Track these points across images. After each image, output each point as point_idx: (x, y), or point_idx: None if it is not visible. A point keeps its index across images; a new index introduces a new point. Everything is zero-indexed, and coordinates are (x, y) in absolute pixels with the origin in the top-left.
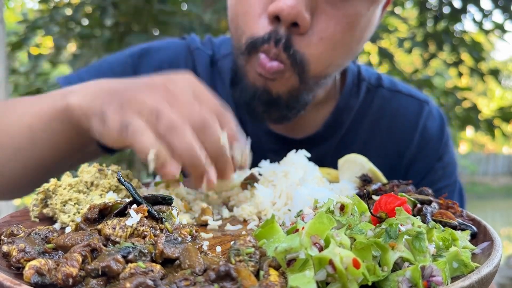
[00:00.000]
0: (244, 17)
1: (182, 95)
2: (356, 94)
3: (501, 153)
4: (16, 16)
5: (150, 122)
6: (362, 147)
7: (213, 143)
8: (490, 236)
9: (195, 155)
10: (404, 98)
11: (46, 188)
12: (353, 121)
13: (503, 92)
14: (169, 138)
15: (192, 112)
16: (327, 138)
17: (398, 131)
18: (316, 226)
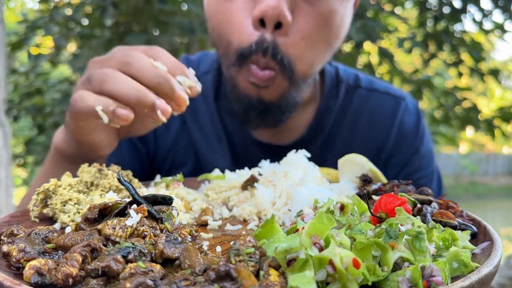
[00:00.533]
0: (228, 26)
1: (109, 56)
2: (335, 96)
3: (501, 153)
4: (16, 16)
5: (85, 87)
6: (343, 146)
7: (146, 72)
8: (490, 236)
9: (134, 92)
10: (381, 96)
11: (46, 188)
12: (334, 122)
13: (503, 92)
14: (105, 89)
15: (115, 59)
16: (312, 141)
17: (376, 128)
18: (316, 226)
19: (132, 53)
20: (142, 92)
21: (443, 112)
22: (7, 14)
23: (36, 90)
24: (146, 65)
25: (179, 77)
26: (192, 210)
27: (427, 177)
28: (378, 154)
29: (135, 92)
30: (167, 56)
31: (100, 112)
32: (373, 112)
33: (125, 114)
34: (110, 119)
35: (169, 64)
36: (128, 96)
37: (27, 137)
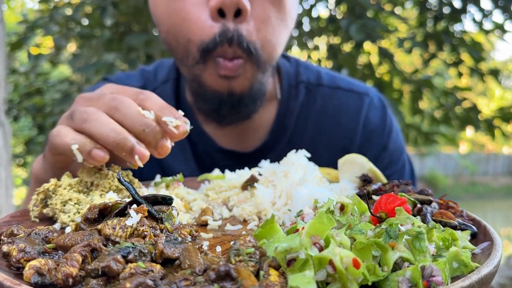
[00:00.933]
0: (185, 24)
1: (96, 95)
2: (295, 96)
3: (501, 153)
4: (16, 16)
5: (66, 123)
6: (309, 146)
7: (132, 118)
8: (490, 236)
9: (115, 135)
10: (344, 93)
11: (46, 188)
12: (297, 123)
13: (503, 92)
14: (86, 128)
15: (102, 100)
16: (275, 145)
17: (342, 127)
18: (316, 226)
19: (121, 99)
20: (122, 136)
21: (443, 112)
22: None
23: (36, 90)
24: (133, 112)
25: (166, 118)
26: (192, 210)
27: (399, 171)
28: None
29: (115, 135)
30: (155, 99)
31: (75, 151)
32: (337, 111)
33: (100, 156)
34: (84, 158)
35: (157, 106)
36: (107, 138)
37: (27, 137)
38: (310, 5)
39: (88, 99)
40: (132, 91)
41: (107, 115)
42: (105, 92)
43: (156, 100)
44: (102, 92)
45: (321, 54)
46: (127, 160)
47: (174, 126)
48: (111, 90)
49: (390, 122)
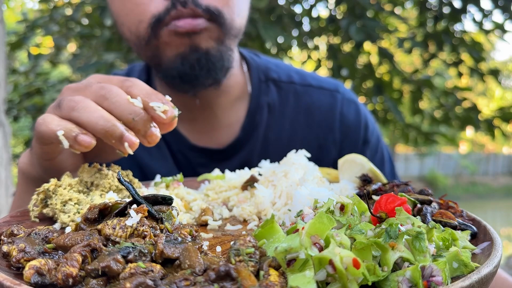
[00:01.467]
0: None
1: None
2: (265, 92)
3: (501, 153)
4: (16, 16)
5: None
6: (286, 144)
7: (121, 107)
8: (490, 236)
9: (103, 122)
10: (315, 91)
11: (46, 188)
12: (269, 120)
13: (503, 92)
14: (75, 116)
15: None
16: (248, 140)
17: (316, 125)
18: (316, 226)
19: (110, 87)
20: (110, 123)
21: (443, 112)
22: (7, 13)
23: (36, 90)
24: (122, 100)
25: (154, 103)
26: (192, 210)
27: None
28: (321, 151)
29: (104, 122)
30: (142, 85)
31: (60, 137)
32: (311, 109)
33: (86, 141)
34: (71, 144)
35: (143, 92)
36: (96, 125)
37: (27, 137)
38: (310, 5)
39: (75, 89)
40: (118, 79)
41: (95, 103)
42: (91, 82)
43: (143, 86)
44: (88, 82)
45: (321, 54)
46: (117, 148)
47: (162, 111)
48: (97, 80)
49: (365, 115)
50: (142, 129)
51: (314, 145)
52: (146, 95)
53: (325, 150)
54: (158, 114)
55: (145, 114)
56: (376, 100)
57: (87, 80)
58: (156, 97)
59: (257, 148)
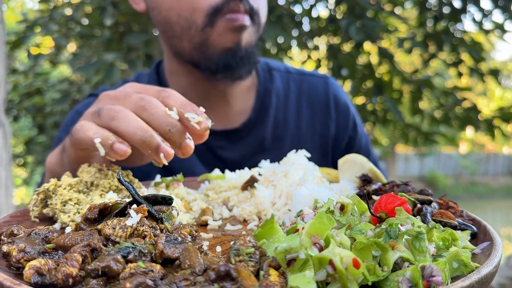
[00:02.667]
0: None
1: (121, 93)
2: (270, 79)
3: (501, 153)
4: (16, 16)
5: (93, 120)
6: (295, 124)
7: (159, 119)
8: (490, 236)
9: (142, 133)
10: (310, 78)
11: (46, 188)
12: (277, 103)
13: (503, 92)
14: (114, 126)
15: (130, 99)
16: (259, 121)
17: (317, 106)
18: (316, 226)
19: (149, 99)
20: (148, 134)
21: (443, 112)
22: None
23: (36, 90)
24: (160, 112)
25: (189, 114)
26: (192, 210)
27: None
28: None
29: (142, 133)
30: (178, 96)
31: (97, 144)
32: (310, 93)
33: (122, 150)
34: (107, 152)
35: (179, 103)
36: (134, 135)
37: (27, 137)
38: (310, 5)
39: (114, 98)
40: (155, 89)
41: (134, 114)
42: (129, 91)
43: (178, 97)
44: (126, 91)
45: (321, 54)
46: (152, 158)
47: (196, 122)
48: (134, 89)
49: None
50: (178, 140)
51: (316, 123)
52: (182, 106)
53: (326, 127)
54: (192, 125)
55: (181, 126)
56: (376, 100)
57: (124, 88)
58: (191, 108)
59: (268, 129)
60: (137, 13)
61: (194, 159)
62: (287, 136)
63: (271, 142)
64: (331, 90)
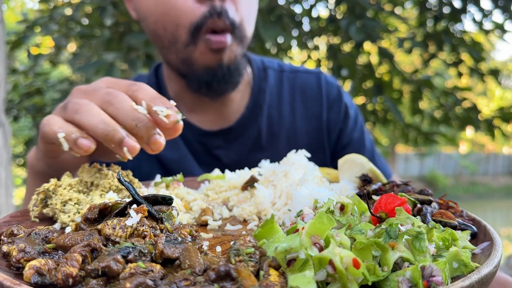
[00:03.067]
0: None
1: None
2: (264, 78)
3: (501, 153)
4: (16, 16)
5: (59, 113)
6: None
7: (125, 113)
8: (490, 236)
9: (104, 126)
10: (303, 75)
11: (46, 188)
12: (271, 100)
13: (503, 92)
14: (77, 119)
15: (97, 93)
16: (254, 118)
17: (310, 101)
18: (316, 226)
19: (116, 93)
20: (111, 127)
21: (443, 112)
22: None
23: (36, 90)
24: (126, 106)
25: (157, 107)
26: (192, 210)
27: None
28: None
29: (104, 126)
30: (148, 90)
31: (61, 139)
32: (303, 89)
33: (85, 145)
34: (70, 147)
35: (148, 96)
36: (96, 128)
37: (27, 137)
38: (310, 5)
39: (84, 92)
40: (126, 83)
41: (100, 108)
42: (100, 86)
43: (148, 90)
44: (97, 85)
45: (321, 54)
46: (116, 152)
47: (164, 116)
48: (106, 83)
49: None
50: (145, 135)
51: (312, 119)
52: (151, 99)
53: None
54: (160, 118)
55: (148, 121)
56: (376, 100)
57: (96, 83)
58: (160, 102)
59: (264, 126)
60: None
61: (192, 161)
62: (282, 133)
63: (267, 139)
64: (323, 85)
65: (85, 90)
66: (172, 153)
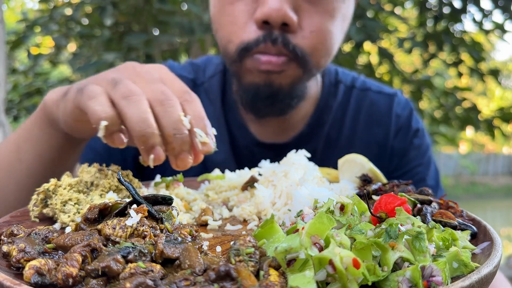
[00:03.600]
0: (230, 27)
1: (147, 74)
2: (334, 94)
3: (501, 153)
4: (16, 16)
5: (106, 88)
6: (347, 142)
7: (170, 119)
8: (490, 236)
9: (145, 126)
10: (374, 95)
11: (46, 188)
12: (334, 119)
13: (503, 92)
14: (122, 105)
15: (153, 87)
16: (312, 136)
17: (375, 124)
18: (316, 226)
19: (170, 96)
20: (150, 130)
21: (443, 112)
22: (7, 13)
23: (36, 90)
24: (174, 114)
25: (198, 130)
26: (192, 210)
27: (423, 164)
28: (381, 148)
29: (144, 126)
30: (198, 107)
31: (101, 126)
32: (370, 110)
33: (119, 141)
34: (105, 136)
35: (196, 113)
36: (136, 125)
37: None
38: None
39: (138, 75)
40: (181, 87)
41: (149, 104)
42: (156, 78)
43: (198, 108)
44: (153, 76)
45: None
46: (142, 154)
47: (201, 141)
48: (162, 76)
49: (416, 121)
50: (178, 148)
51: (374, 143)
52: (196, 118)
53: (382, 150)
54: (196, 141)
55: (187, 136)
56: None
57: (153, 68)
58: (204, 125)
59: (320, 146)
60: (137, 13)
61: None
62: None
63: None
64: (394, 108)
65: (139, 73)
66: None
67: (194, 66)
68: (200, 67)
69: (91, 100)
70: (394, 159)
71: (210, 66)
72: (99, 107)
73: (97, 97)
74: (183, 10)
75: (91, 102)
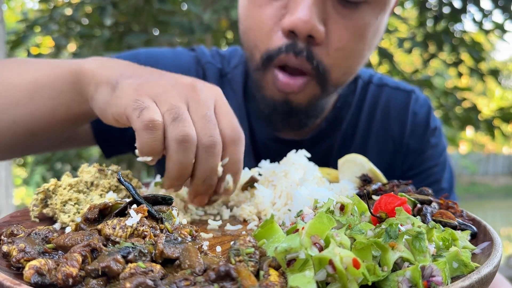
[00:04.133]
0: (256, 31)
1: (204, 102)
2: (353, 91)
3: (501, 153)
4: (16, 16)
5: (165, 118)
6: (362, 139)
7: (206, 167)
8: (490, 236)
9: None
10: (391, 91)
11: (46, 188)
12: (352, 117)
13: (503, 92)
14: (172, 148)
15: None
16: (330, 133)
17: (391, 120)
18: (316, 226)
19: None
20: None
21: (443, 112)
22: (7, 13)
23: None
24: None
25: (229, 177)
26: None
27: (440, 165)
28: (397, 145)
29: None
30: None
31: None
32: (386, 106)
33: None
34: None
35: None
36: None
37: None
38: None
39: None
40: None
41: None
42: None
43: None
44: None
45: None
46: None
47: (225, 187)
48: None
49: (434, 120)
50: (201, 191)
51: (390, 140)
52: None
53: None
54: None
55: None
56: None
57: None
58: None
59: (336, 143)
60: (137, 13)
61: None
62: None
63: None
64: (411, 106)
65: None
66: None
67: (221, 55)
68: (225, 58)
69: (147, 131)
70: (409, 158)
71: (234, 57)
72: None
73: (153, 131)
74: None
75: (146, 134)
